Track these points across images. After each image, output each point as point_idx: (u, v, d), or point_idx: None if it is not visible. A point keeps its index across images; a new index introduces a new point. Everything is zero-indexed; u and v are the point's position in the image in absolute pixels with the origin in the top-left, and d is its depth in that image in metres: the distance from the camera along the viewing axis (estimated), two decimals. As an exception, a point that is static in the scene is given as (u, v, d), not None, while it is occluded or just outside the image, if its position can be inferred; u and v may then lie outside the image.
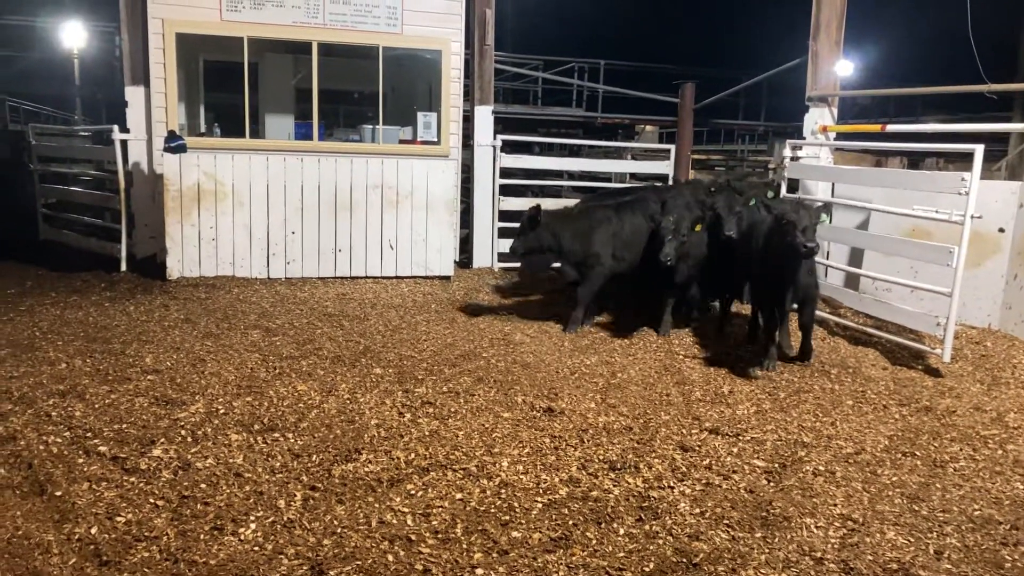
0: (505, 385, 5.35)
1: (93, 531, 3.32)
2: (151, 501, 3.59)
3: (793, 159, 8.00)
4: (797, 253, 5.34)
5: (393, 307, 7.68)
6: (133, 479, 3.79)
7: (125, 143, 9.12)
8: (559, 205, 8.83)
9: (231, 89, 9.40)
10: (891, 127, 8.13)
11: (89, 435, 4.27)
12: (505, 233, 9.46)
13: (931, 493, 3.99)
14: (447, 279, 9.15)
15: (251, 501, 3.62)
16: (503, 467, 4.07)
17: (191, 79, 10.45)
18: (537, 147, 17.59)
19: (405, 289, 8.60)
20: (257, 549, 3.24)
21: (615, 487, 3.90)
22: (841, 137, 8.95)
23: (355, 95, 11.18)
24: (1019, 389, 5.65)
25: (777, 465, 4.24)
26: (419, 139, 9.58)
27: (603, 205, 7.22)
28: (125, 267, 8.99)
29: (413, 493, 3.75)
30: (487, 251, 10.07)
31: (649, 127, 20.10)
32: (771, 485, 4.01)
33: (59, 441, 4.18)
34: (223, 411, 4.68)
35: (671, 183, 10.42)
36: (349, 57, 9.93)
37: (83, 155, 12.83)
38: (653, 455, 4.30)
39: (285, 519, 3.47)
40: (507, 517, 3.56)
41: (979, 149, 5.84)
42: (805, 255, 5.38)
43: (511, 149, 10.18)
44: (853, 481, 4.09)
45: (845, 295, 7.53)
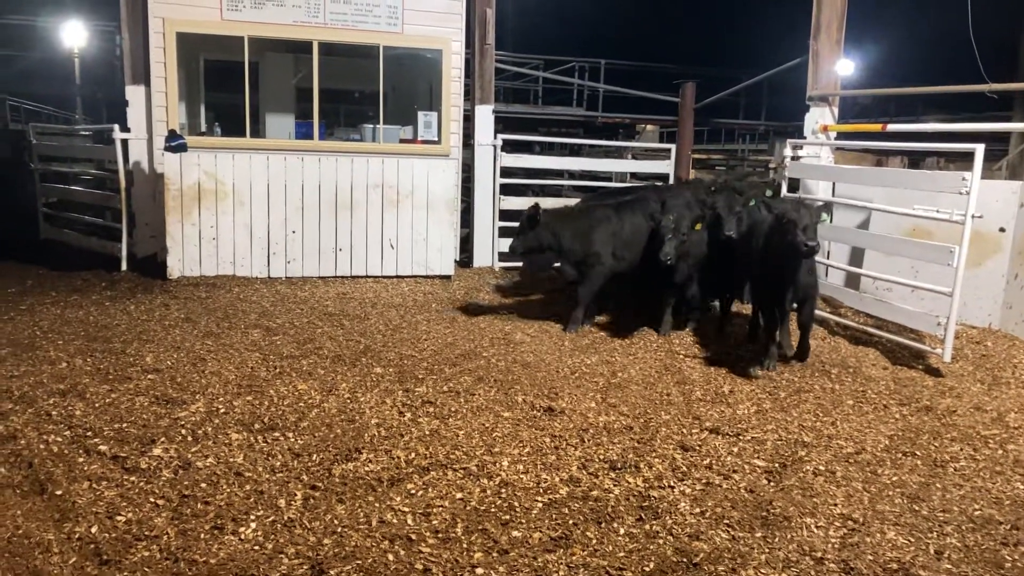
0: (505, 384, 5.35)
1: (93, 530, 3.33)
2: (151, 500, 3.59)
3: (794, 158, 8.01)
4: (798, 252, 5.33)
5: (393, 306, 7.68)
6: (133, 478, 3.80)
7: (126, 142, 9.13)
8: (560, 204, 8.83)
9: (232, 88, 9.40)
10: (892, 127, 8.14)
11: (89, 434, 4.27)
12: (506, 232, 9.44)
13: (931, 493, 3.99)
14: (447, 278, 9.15)
15: (251, 500, 3.63)
16: (503, 466, 4.07)
17: (192, 78, 10.45)
18: (538, 146, 17.61)
19: (405, 288, 8.61)
20: (257, 548, 3.24)
21: (615, 487, 3.90)
22: (842, 137, 8.95)
23: (356, 94, 11.18)
24: (1020, 389, 5.65)
25: (777, 465, 4.24)
26: (420, 138, 9.58)
27: (603, 204, 7.22)
28: (126, 266, 9.00)
29: (413, 492, 3.75)
30: (488, 250, 10.07)
31: (650, 126, 20.10)
32: (771, 485, 4.01)
33: (59, 440, 4.18)
34: (223, 410, 4.69)
35: (672, 182, 10.42)
36: (350, 56, 9.92)
37: (84, 154, 12.84)
38: (653, 455, 4.30)
39: (285, 518, 3.48)
40: (507, 516, 3.56)
41: (980, 149, 5.83)
42: (806, 254, 5.37)
43: (512, 148, 10.19)
44: (853, 481, 4.09)
45: (846, 295, 7.53)
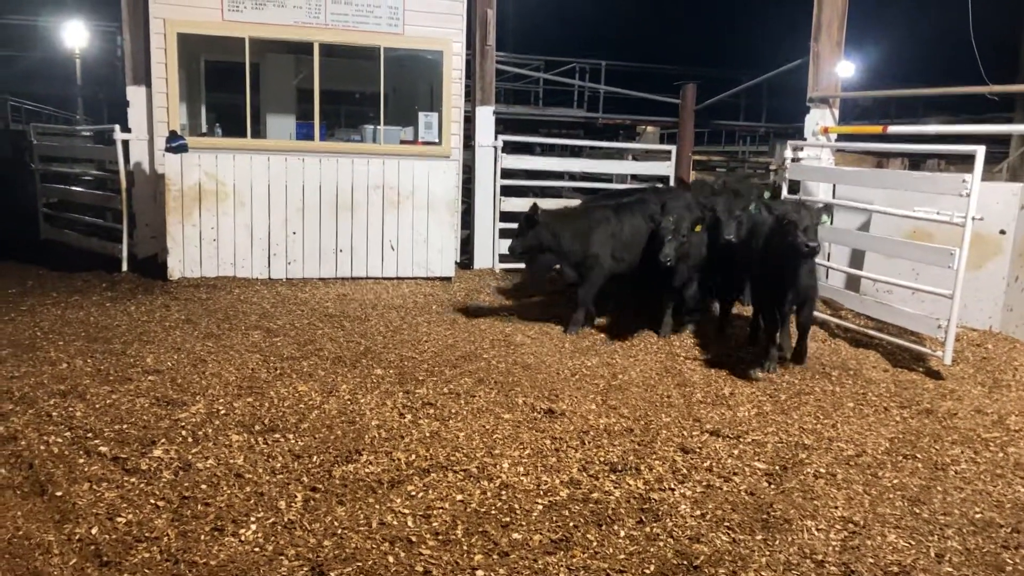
0: (506, 386, 5.35)
1: (94, 531, 3.32)
2: (152, 502, 3.59)
3: (794, 160, 8.00)
4: (799, 253, 5.33)
5: (394, 308, 7.68)
6: (134, 480, 3.79)
7: (126, 143, 9.13)
8: (560, 206, 8.82)
9: (232, 89, 9.41)
10: (892, 128, 8.12)
11: (90, 435, 4.27)
12: (506, 234, 9.42)
13: (932, 496, 3.98)
14: (448, 280, 9.15)
15: (252, 502, 3.62)
16: (504, 468, 4.07)
17: (192, 79, 10.46)
18: (538, 148, 17.59)
19: (406, 290, 8.61)
20: (258, 550, 3.24)
21: (616, 489, 3.90)
22: (842, 138, 8.94)
23: (356, 95, 11.20)
24: (1020, 391, 5.65)
25: (778, 467, 4.24)
26: (420, 140, 9.59)
27: (602, 205, 7.22)
28: (126, 267, 9.00)
29: (414, 494, 3.75)
30: (488, 252, 10.07)
31: (650, 128, 20.07)
32: (772, 487, 4.00)
33: (60, 441, 4.18)
34: (224, 412, 4.69)
35: (672, 184, 10.42)
36: (350, 57, 9.93)
37: (84, 155, 12.86)
38: (654, 457, 4.30)
39: (286, 520, 3.47)
40: (508, 519, 3.56)
41: (980, 151, 5.83)
42: (807, 254, 5.37)
43: (512, 150, 10.19)
44: (854, 483, 4.08)
45: (846, 297, 7.52)
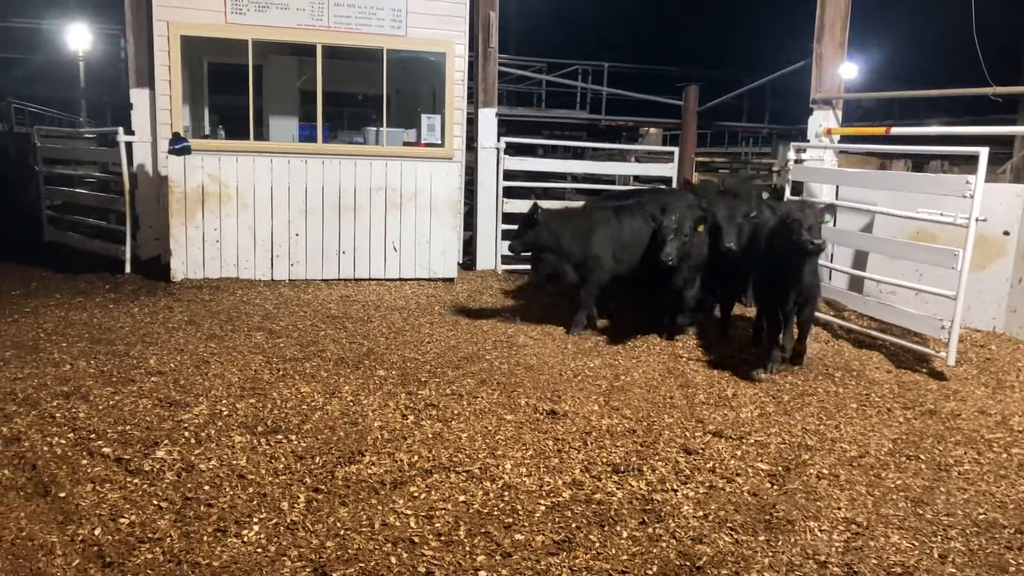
0: (508, 387, 5.35)
1: (96, 532, 3.33)
2: (154, 503, 3.59)
3: (797, 162, 8.00)
4: (802, 251, 5.32)
5: (396, 309, 7.68)
6: (137, 481, 3.80)
7: (130, 145, 9.15)
8: (561, 207, 8.82)
9: (235, 91, 9.43)
10: (895, 130, 8.12)
11: (93, 436, 4.28)
12: (508, 235, 9.43)
13: (935, 497, 3.97)
14: (451, 281, 9.15)
15: (254, 503, 3.63)
16: (506, 469, 4.06)
17: (196, 81, 10.48)
18: (541, 149, 17.60)
19: (408, 291, 8.61)
20: (260, 551, 3.24)
21: (618, 490, 3.89)
22: (845, 140, 8.93)
23: (359, 97, 11.21)
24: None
25: (781, 468, 4.23)
26: (423, 141, 9.59)
27: (603, 206, 7.21)
28: (129, 269, 9.02)
29: (416, 495, 3.75)
30: (491, 253, 10.07)
31: (653, 129, 20.05)
32: (775, 488, 4.00)
33: (63, 442, 4.19)
34: (227, 413, 4.69)
35: (675, 185, 10.40)
36: (353, 59, 9.95)
37: (88, 157, 12.87)
38: (656, 458, 4.29)
39: (288, 521, 3.48)
40: (510, 520, 3.56)
41: (984, 152, 5.82)
42: (811, 252, 5.36)
43: (515, 151, 10.22)
44: (857, 484, 4.08)
45: (849, 298, 7.51)
